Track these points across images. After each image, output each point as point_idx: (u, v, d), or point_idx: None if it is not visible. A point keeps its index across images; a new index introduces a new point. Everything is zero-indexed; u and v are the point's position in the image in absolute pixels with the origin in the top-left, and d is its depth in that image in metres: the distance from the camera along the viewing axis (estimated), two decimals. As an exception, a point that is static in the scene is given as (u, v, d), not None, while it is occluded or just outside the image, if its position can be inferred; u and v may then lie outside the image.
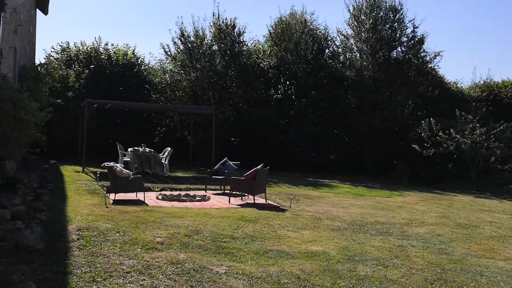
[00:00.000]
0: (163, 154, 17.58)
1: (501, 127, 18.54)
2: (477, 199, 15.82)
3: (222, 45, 23.46)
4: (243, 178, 11.51)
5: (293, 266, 6.00)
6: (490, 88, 26.22)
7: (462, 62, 72.88)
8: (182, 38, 23.78)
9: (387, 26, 23.68)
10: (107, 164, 10.81)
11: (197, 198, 11.41)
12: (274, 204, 11.37)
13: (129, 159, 16.72)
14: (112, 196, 10.61)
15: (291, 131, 22.71)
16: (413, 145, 19.19)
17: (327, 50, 25.46)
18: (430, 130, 19.25)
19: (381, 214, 10.79)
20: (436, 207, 12.83)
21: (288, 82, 23.56)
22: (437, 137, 18.88)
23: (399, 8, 23.67)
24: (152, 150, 16.91)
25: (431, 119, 19.31)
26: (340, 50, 25.49)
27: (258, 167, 11.42)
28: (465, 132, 18.57)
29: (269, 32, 25.20)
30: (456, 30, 73.37)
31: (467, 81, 41.00)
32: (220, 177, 13.20)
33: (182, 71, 23.99)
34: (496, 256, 7.16)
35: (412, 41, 23.68)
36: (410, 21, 23.67)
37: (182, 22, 23.90)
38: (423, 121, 19.84)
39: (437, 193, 16.86)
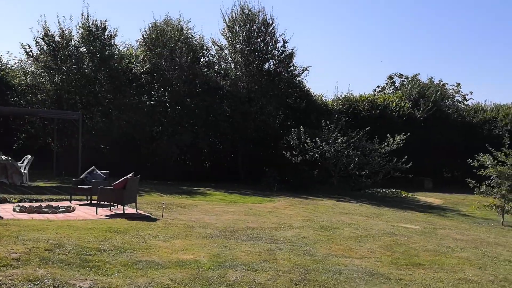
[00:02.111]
0: (22, 162, 16.08)
1: (358, 135, 20.30)
2: (339, 202, 17.09)
3: (91, 47, 22.26)
4: (112, 187, 10.98)
5: (163, 276, 5.84)
6: (350, 101, 28.71)
7: (326, 77, 78.88)
8: (45, 38, 22.03)
9: (260, 39, 24.61)
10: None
11: (61, 210, 10.59)
12: (145, 213, 11.02)
13: (-19, 168, 14.94)
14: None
15: (165, 138, 22.29)
16: (284, 152, 20.13)
17: (202, 59, 25.61)
18: (298, 139, 20.40)
19: (252, 220, 11.06)
20: (303, 211, 13.57)
21: (162, 89, 23.17)
22: (304, 145, 20.06)
23: (271, 22, 24.77)
24: (10, 158, 15.39)
25: (300, 128, 20.50)
26: (215, 59, 25.82)
27: (128, 176, 10.99)
28: (328, 141, 20.02)
29: (143, 36, 24.54)
30: (321, 48, 79.24)
31: (331, 95, 44.36)
32: (87, 186, 12.44)
33: (45, 73, 22.24)
34: (353, 255, 7.76)
35: (283, 55, 24.91)
36: (281, 35, 24.93)
37: (46, 21, 22.09)
38: (292, 129, 20.94)
39: (304, 198, 17.86)
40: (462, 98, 43.82)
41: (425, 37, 78.43)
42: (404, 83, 42.50)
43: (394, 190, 22.27)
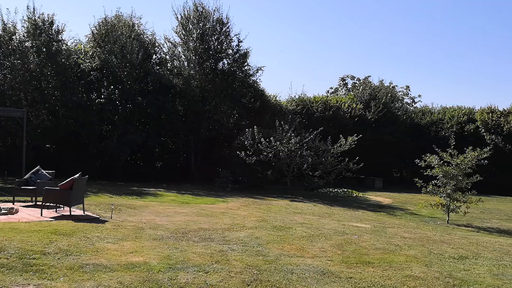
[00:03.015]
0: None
1: (311, 135, 20.48)
2: (292, 202, 17.20)
3: (37, 42, 21.32)
4: (57, 188, 10.51)
5: (111, 279, 5.62)
6: (304, 102, 29.09)
7: (281, 77, 79.61)
8: (-15, 31, 20.92)
9: (214, 37, 24.45)
10: None
11: (3, 212, 10.06)
12: (93, 215, 10.62)
13: None
14: None
15: (115, 137, 21.69)
16: (238, 152, 20.03)
17: (154, 56, 25.15)
18: (252, 139, 20.37)
19: (204, 221, 10.91)
20: (256, 212, 13.53)
21: (112, 86, 22.53)
22: (258, 145, 20.06)
23: (226, 21, 24.67)
24: None
25: (255, 128, 20.45)
26: (168, 57, 25.41)
27: (75, 176, 10.57)
28: (282, 141, 20.10)
29: (92, 32, 23.79)
30: (276, 49, 79.90)
31: (285, 95, 44.81)
32: (31, 187, 11.88)
33: (-14, 68, 21.11)
34: (305, 254, 7.78)
35: (237, 54, 24.87)
36: (236, 35, 24.92)
37: (-14, 13, 20.96)
38: (247, 129, 20.85)
39: (258, 198, 17.85)
40: (411, 100, 45.47)
41: (376, 40, 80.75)
42: (356, 85, 43.57)
43: (346, 190, 22.71)
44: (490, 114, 31.01)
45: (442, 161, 14.40)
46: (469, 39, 76.89)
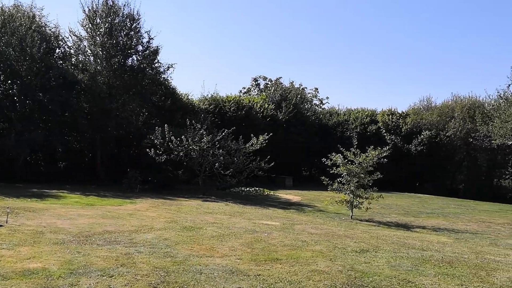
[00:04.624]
0: None
1: (223, 134, 20.44)
2: (204, 202, 17.08)
3: None
4: None
5: (5, 288, 5.21)
6: (217, 101, 29.05)
7: (194, 76, 79.00)
8: None
9: (124, 33, 23.55)
10: None
11: None
12: (-15, 220, 9.74)
13: None
14: None
15: (13, 136, 20.08)
16: (147, 150, 19.41)
17: (58, 50, 23.64)
18: (163, 138, 19.87)
19: (110, 223, 10.48)
20: (165, 213, 13.24)
21: (9, 81, 20.81)
22: (169, 144, 19.62)
23: (137, 17, 23.88)
24: None
25: (165, 126, 19.94)
26: (72, 51, 24.01)
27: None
28: (194, 140, 19.84)
29: (-14, 22, 21.77)
30: (189, 47, 79.18)
31: (197, 94, 44.46)
32: None
33: None
34: (215, 254, 7.74)
35: (148, 51, 24.15)
36: (147, 31, 24.21)
37: None
38: (157, 127, 20.26)
39: (168, 198, 17.50)
40: (319, 102, 47.23)
41: (288, 42, 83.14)
42: (268, 85, 44.40)
43: (257, 188, 23.03)
44: (390, 116, 33.25)
45: (346, 160, 15.10)
46: (373, 45, 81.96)
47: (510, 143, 29.23)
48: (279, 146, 27.50)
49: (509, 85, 32.36)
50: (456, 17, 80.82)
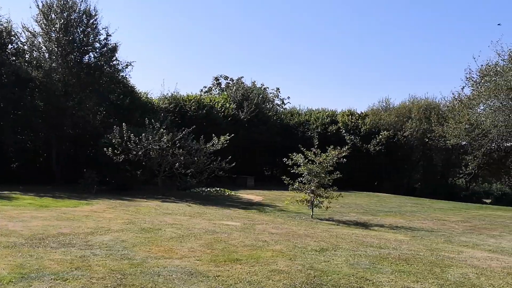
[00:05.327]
0: None
1: (183, 133, 20.15)
2: (163, 203, 16.78)
3: None
4: None
5: None
6: (177, 100, 28.70)
7: (153, 75, 77.81)
8: None
9: (80, 29, 22.89)
10: None
11: None
12: None
13: None
14: None
15: (-39, 135, 19.15)
16: (105, 149, 18.89)
17: (10, 46, 22.68)
18: (121, 137, 19.41)
19: (65, 225, 10.13)
20: (123, 214, 12.92)
21: (-44, 77, 19.85)
22: (128, 144, 19.18)
23: (94, 13, 23.24)
24: None
25: (124, 125, 19.47)
26: (26, 47, 23.11)
27: None
28: (153, 139, 19.47)
29: None
30: (149, 46, 77.95)
31: (157, 93, 43.74)
32: None
33: None
34: (173, 256, 7.58)
35: (105, 48, 23.55)
36: (104, 28, 23.61)
37: None
38: (115, 126, 19.75)
39: (126, 199, 17.10)
40: (281, 102, 47.50)
41: (249, 42, 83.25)
42: (230, 85, 44.26)
43: (218, 188, 22.88)
44: (350, 117, 33.87)
45: (307, 160, 15.20)
46: (333, 47, 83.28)
47: (463, 143, 30.40)
48: (241, 146, 27.45)
49: (463, 87, 33.78)
50: (414, 21, 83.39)
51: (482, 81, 26.20)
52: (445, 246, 10.39)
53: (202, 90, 45.75)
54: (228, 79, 46.67)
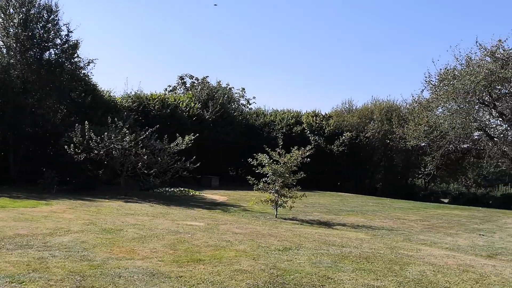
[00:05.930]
0: None
1: (146, 133, 19.85)
2: (125, 203, 16.49)
3: None
4: None
5: None
6: (140, 99, 28.29)
7: (116, 73, 76.41)
8: None
9: (40, 25, 22.17)
10: None
11: None
12: None
13: None
14: None
15: None
16: (66, 146, 18.36)
17: (-36, 40, 21.78)
18: (82, 136, 18.94)
19: (23, 226, 9.81)
20: (84, 214, 12.63)
21: None
22: (89, 143, 18.74)
23: (55, 9, 22.56)
24: None
25: (86, 124, 19.00)
26: (-18, 42, 22.22)
27: None
28: (116, 139, 19.10)
29: None
30: (111, 44, 76.50)
31: (120, 91, 43.00)
32: None
33: None
34: (135, 257, 7.47)
35: (67, 45, 22.90)
36: (65, 24, 22.94)
37: None
38: (77, 125, 19.23)
39: (87, 200, 16.72)
40: (246, 102, 47.51)
41: (215, 41, 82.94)
42: (195, 84, 43.98)
43: (182, 189, 22.68)
44: (314, 118, 34.31)
45: (271, 160, 15.29)
46: (297, 48, 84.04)
47: (423, 144, 31.34)
48: (206, 146, 27.32)
49: (423, 90, 34.89)
50: (376, 25, 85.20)
51: (441, 85, 27.12)
52: (404, 244, 10.68)
53: (166, 89, 45.27)
54: (193, 79, 46.35)
